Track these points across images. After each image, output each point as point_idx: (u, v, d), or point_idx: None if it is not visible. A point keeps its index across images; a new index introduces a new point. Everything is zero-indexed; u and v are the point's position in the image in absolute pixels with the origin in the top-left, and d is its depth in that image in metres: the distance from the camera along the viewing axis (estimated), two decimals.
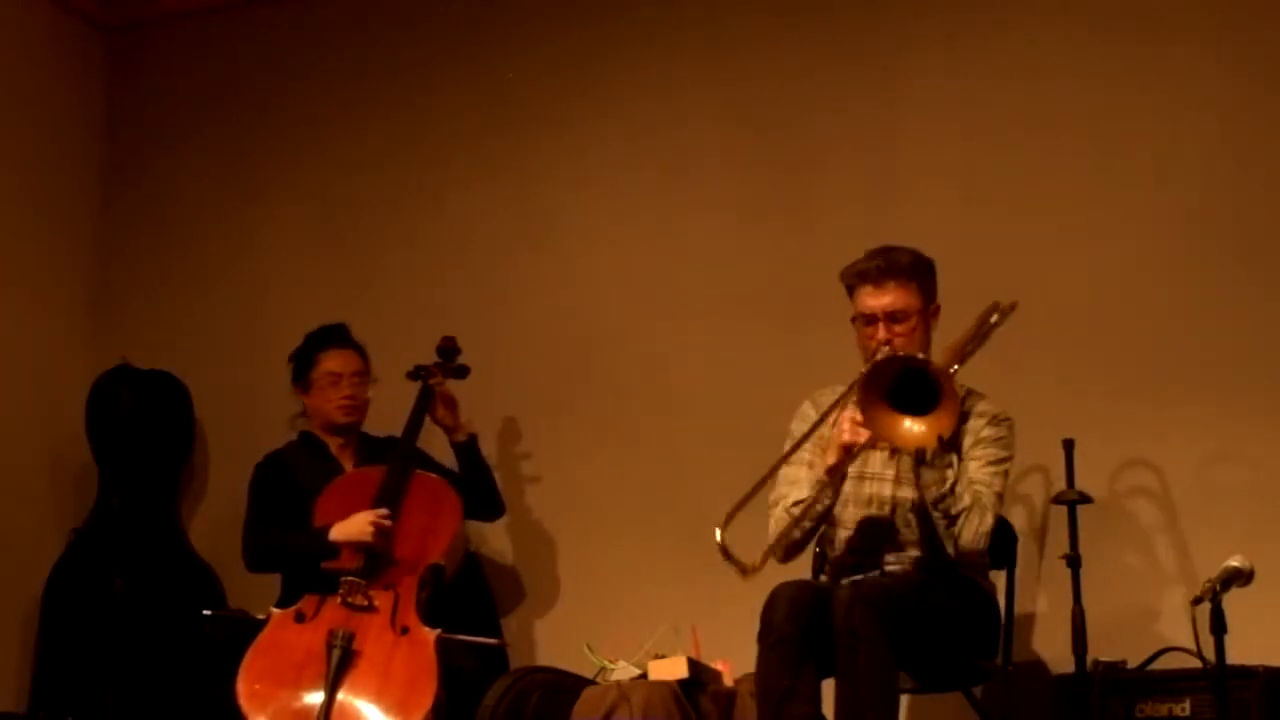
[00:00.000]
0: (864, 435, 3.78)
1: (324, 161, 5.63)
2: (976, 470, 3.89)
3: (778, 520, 3.94)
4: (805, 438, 3.96)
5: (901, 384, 3.70)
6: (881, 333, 3.92)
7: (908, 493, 3.91)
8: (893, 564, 3.95)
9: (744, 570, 3.72)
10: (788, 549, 3.93)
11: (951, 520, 3.82)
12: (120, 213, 5.87)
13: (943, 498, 3.81)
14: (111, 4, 5.92)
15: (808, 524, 3.91)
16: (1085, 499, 4.18)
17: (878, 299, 3.93)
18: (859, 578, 3.88)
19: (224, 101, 5.80)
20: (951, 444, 3.82)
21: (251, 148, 5.73)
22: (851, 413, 3.81)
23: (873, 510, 3.96)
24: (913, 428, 3.71)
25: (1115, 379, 4.58)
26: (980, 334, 3.96)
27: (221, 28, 5.84)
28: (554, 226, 5.30)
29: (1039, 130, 4.77)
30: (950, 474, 3.81)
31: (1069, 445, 4.21)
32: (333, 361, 4.80)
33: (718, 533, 3.70)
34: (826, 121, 5.02)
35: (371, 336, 4.93)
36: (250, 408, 5.41)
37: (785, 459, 3.95)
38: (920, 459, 3.80)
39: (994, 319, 4.00)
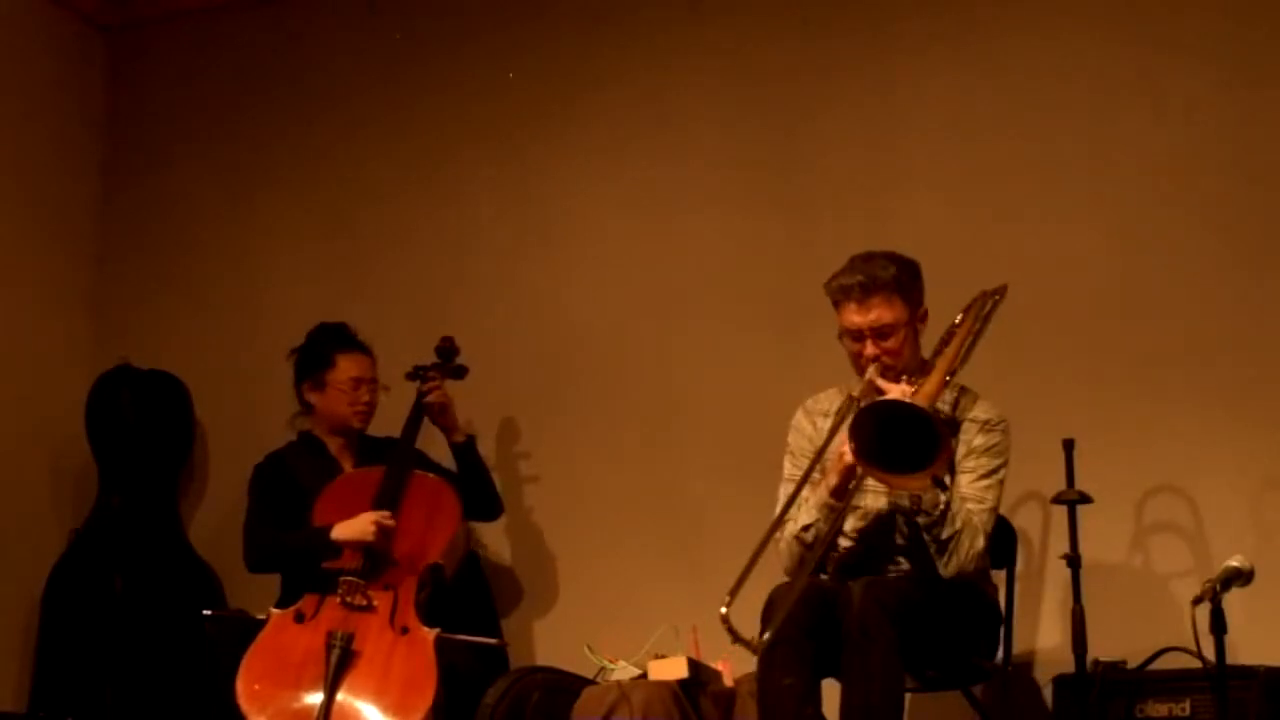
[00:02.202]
0: None
1: (324, 161, 5.63)
2: (968, 485, 3.87)
3: (789, 546, 3.91)
4: (804, 479, 3.89)
5: (890, 423, 3.61)
6: (869, 349, 3.88)
7: (903, 504, 3.89)
8: (891, 569, 3.93)
9: (754, 649, 3.60)
10: (799, 570, 3.88)
11: (941, 545, 3.79)
12: (120, 213, 5.87)
13: (934, 523, 3.78)
14: (111, 4, 5.93)
15: (817, 547, 3.84)
16: (1085, 499, 4.17)
17: (863, 316, 3.88)
18: (869, 578, 3.86)
19: (224, 101, 5.80)
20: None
21: (251, 148, 5.73)
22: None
23: (869, 523, 3.95)
24: (905, 480, 3.67)
25: (1115, 379, 4.58)
26: (975, 328, 3.93)
27: (221, 28, 5.85)
28: (553, 227, 5.30)
29: (1038, 130, 4.76)
30: (943, 498, 3.78)
31: (1069, 445, 4.20)
32: (354, 366, 4.79)
33: (723, 610, 3.53)
34: (826, 121, 5.02)
35: (371, 337, 4.92)
36: (250, 408, 5.41)
37: (780, 518, 3.88)
38: (915, 507, 3.79)
39: (986, 308, 3.97)
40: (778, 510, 3.94)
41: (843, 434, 3.79)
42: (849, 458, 3.74)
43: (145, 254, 5.80)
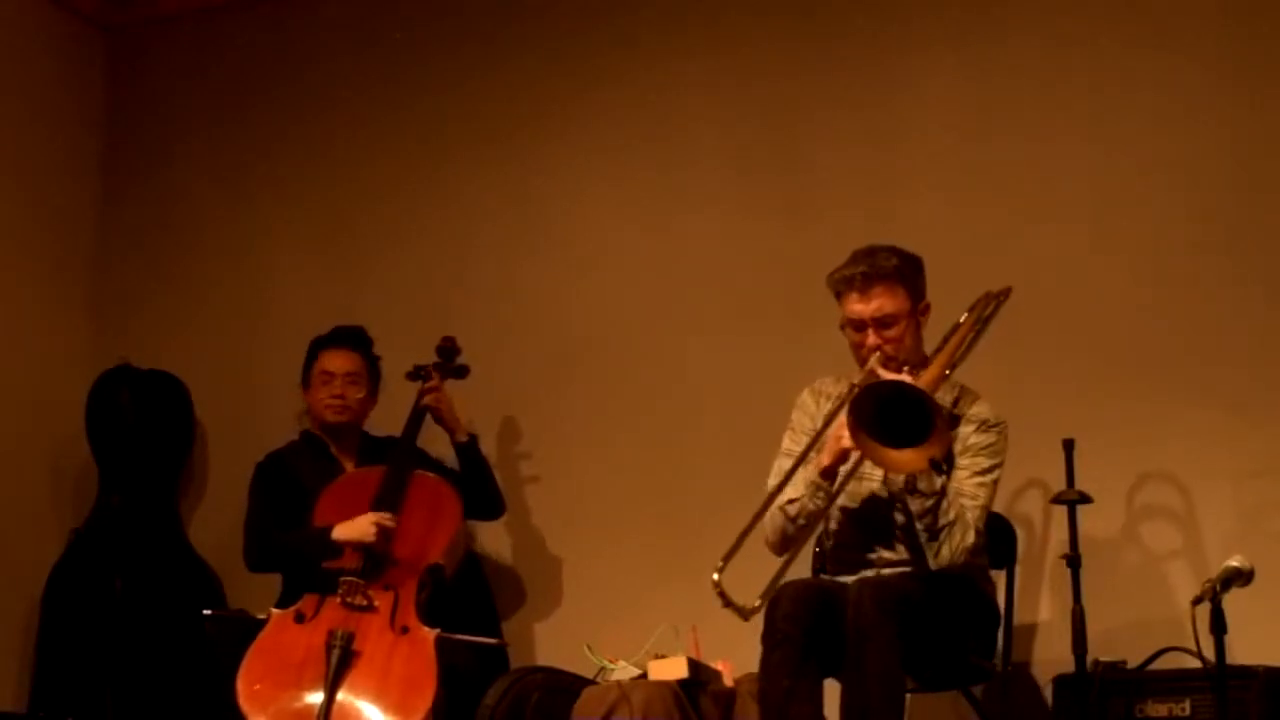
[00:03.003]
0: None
1: (324, 161, 5.63)
2: (963, 481, 3.86)
3: (773, 517, 3.92)
4: (802, 457, 3.92)
5: (890, 404, 3.64)
6: (871, 339, 3.90)
7: (898, 489, 3.89)
8: (887, 559, 3.94)
9: (744, 614, 3.65)
10: (783, 544, 3.91)
11: (933, 534, 3.80)
12: (121, 213, 5.87)
13: (927, 511, 3.79)
14: (112, 4, 5.93)
15: (802, 522, 3.89)
16: (1085, 499, 4.17)
17: (865, 305, 3.90)
18: (869, 575, 3.86)
19: (224, 101, 5.80)
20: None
21: (252, 148, 5.73)
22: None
23: (864, 509, 3.96)
24: (902, 456, 3.67)
25: (1115, 379, 4.58)
26: (976, 326, 3.94)
27: (221, 28, 5.85)
28: (553, 226, 5.30)
29: (1039, 131, 4.77)
30: (939, 482, 3.79)
31: (1069, 445, 4.20)
32: (328, 361, 4.82)
33: (715, 575, 3.63)
34: (826, 121, 5.02)
35: (372, 336, 4.93)
36: (250, 408, 5.42)
37: (775, 493, 3.90)
38: (910, 486, 3.80)
39: (989, 309, 3.98)
40: (771, 483, 3.95)
41: (841, 417, 3.80)
42: (845, 441, 3.75)
43: (145, 254, 5.80)
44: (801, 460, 3.91)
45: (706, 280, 5.09)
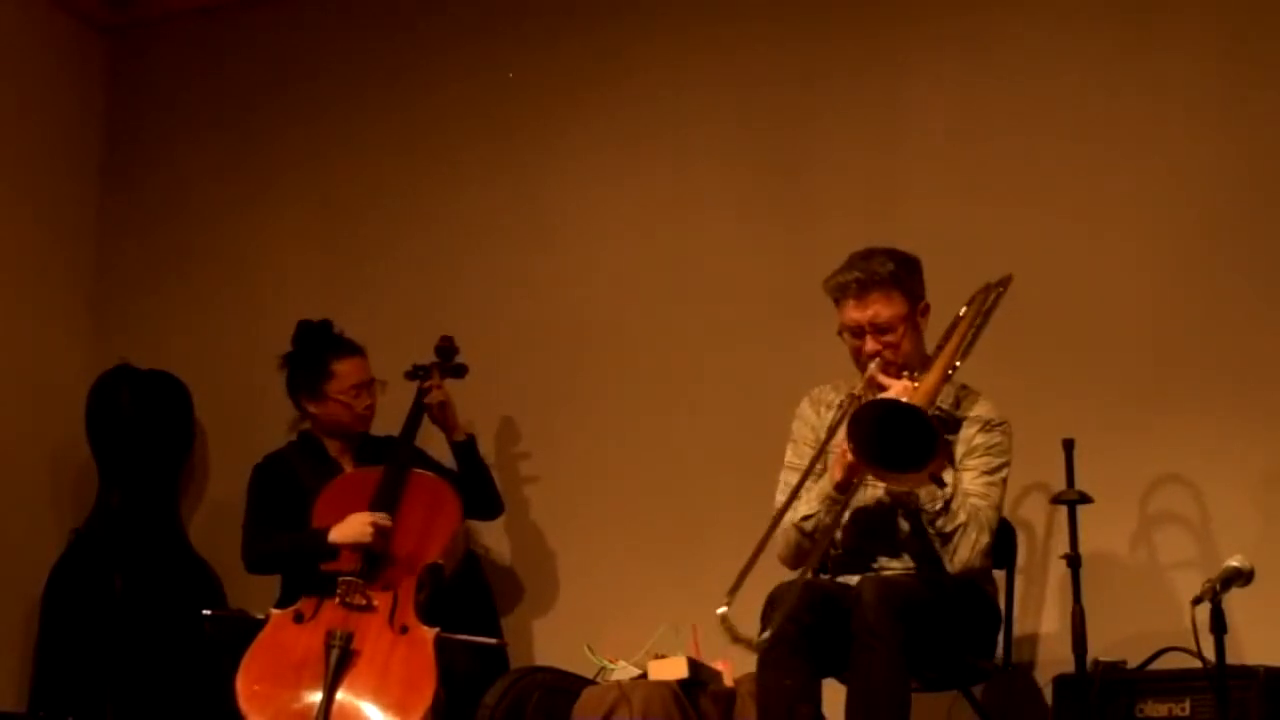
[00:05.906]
0: None
1: (324, 161, 5.63)
2: (971, 482, 3.85)
3: (786, 534, 3.91)
4: (809, 470, 3.90)
5: (887, 421, 3.62)
6: (870, 344, 3.89)
7: (902, 496, 3.89)
8: (891, 566, 3.93)
9: (754, 647, 3.59)
10: (797, 560, 3.90)
11: (946, 538, 3.80)
12: (120, 213, 5.87)
13: (937, 515, 3.78)
14: (111, 4, 5.93)
15: (819, 537, 3.86)
16: (1085, 499, 4.17)
17: (861, 312, 3.89)
18: (876, 575, 3.85)
19: (224, 102, 5.81)
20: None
21: (251, 148, 5.73)
22: None
23: (868, 516, 3.95)
24: (903, 476, 3.67)
25: (1115, 379, 4.58)
26: (977, 321, 3.92)
27: (221, 28, 5.85)
28: (553, 227, 5.30)
29: (1040, 131, 4.76)
30: (941, 494, 3.77)
31: (1069, 445, 4.20)
32: (353, 372, 4.77)
33: (721, 610, 3.51)
34: (829, 122, 5.02)
35: (371, 336, 4.93)
36: (250, 408, 5.41)
37: (783, 511, 3.87)
38: (907, 502, 3.80)
39: (989, 300, 3.97)
40: (778, 499, 3.94)
41: (845, 429, 3.79)
42: (852, 457, 3.74)
43: (145, 254, 5.81)
44: (808, 474, 3.90)
45: (707, 280, 5.08)
